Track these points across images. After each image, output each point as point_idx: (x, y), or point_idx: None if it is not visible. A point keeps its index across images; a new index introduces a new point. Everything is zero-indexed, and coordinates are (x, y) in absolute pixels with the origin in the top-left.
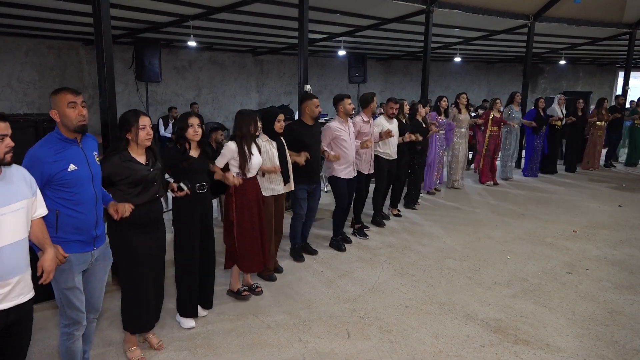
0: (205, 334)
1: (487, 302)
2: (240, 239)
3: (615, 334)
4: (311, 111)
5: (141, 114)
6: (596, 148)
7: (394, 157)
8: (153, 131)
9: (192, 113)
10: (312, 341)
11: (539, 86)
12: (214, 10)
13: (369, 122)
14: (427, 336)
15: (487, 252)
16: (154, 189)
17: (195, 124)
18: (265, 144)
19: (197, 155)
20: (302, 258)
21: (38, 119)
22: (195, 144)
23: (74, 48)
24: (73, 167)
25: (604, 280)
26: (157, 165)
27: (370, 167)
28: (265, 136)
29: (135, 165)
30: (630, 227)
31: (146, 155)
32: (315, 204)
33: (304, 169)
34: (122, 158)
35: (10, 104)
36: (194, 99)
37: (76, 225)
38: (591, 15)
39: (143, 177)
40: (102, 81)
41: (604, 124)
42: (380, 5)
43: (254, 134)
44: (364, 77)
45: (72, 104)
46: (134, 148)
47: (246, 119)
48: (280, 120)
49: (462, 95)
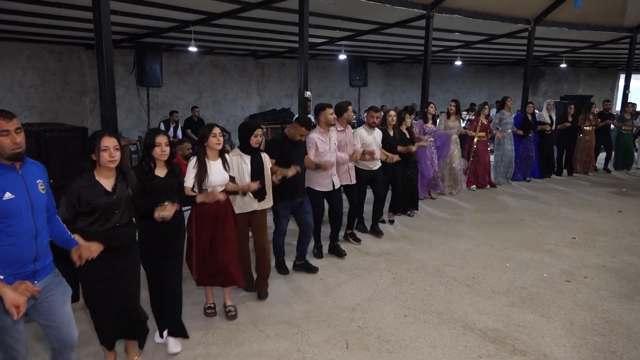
0: (204, 344)
1: (486, 311)
2: (198, 257)
3: (613, 344)
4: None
5: (105, 135)
6: (585, 153)
7: (376, 167)
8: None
9: (160, 131)
10: (310, 351)
11: (540, 89)
12: (215, 16)
13: (344, 132)
14: (425, 346)
15: (486, 259)
16: (114, 218)
17: (163, 143)
18: (236, 158)
19: (163, 174)
20: (287, 271)
21: (39, 129)
22: (161, 162)
23: (76, 52)
24: (9, 196)
25: (602, 289)
26: (125, 192)
27: (351, 177)
28: (237, 150)
29: (96, 190)
30: (630, 233)
31: (115, 179)
32: (308, 218)
33: (284, 185)
34: (84, 181)
35: (12, 109)
36: (195, 103)
37: (10, 259)
38: (592, 20)
39: (101, 205)
40: (102, 92)
41: (592, 129)
42: (380, 10)
43: (215, 145)
44: (364, 80)
45: (4, 132)
46: (100, 170)
47: (206, 128)
48: (257, 135)
49: (452, 102)
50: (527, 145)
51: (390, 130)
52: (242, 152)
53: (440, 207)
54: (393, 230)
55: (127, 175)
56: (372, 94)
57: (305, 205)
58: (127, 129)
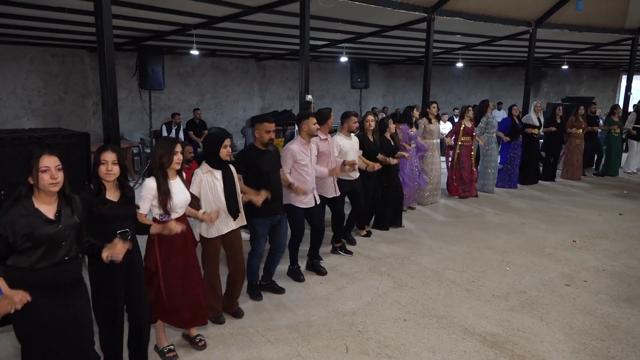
0: (206, 349)
1: (485, 315)
2: (167, 290)
3: (612, 349)
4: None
5: (44, 154)
6: (574, 157)
7: (355, 177)
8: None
9: (107, 147)
10: (310, 356)
11: (542, 90)
12: (217, 19)
13: (327, 140)
14: (424, 351)
15: (486, 263)
16: (61, 250)
17: (110, 161)
18: (206, 176)
19: (116, 198)
20: (260, 296)
21: (42, 135)
22: (111, 184)
23: (78, 55)
24: None
25: (602, 293)
26: (70, 220)
27: (335, 189)
28: (207, 166)
29: (36, 219)
30: (630, 236)
31: (57, 205)
32: (283, 238)
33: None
34: (21, 210)
35: (15, 112)
36: (197, 105)
37: None
38: (593, 21)
39: (45, 237)
40: (104, 97)
41: (581, 132)
42: (381, 13)
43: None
44: (366, 82)
45: None
46: (39, 195)
47: (165, 147)
48: (227, 146)
49: (433, 104)
50: (515, 151)
51: (370, 135)
52: (212, 167)
53: (439, 211)
54: (393, 235)
55: (71, 200)
56: (373, 95)
57: (283, 225)
58: (129, 132)
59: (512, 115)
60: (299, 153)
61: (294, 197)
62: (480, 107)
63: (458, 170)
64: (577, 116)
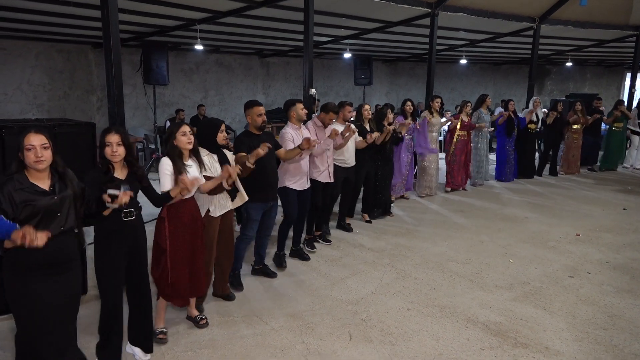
0: (210, 336)
1: (488, 305)
2: (173, 270)
3: (615, 338)
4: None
5: (30, 132)
6: (571, 152)
7: (352, 164)
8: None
9: (112, 129)
10: (314, 343)
11: (546, 88)
12: (221, 14)
13: (322, 128)
14: (427, 339)
15: (490, 255)
16: (57, 221)
17: (115, 142)
18: (206, 158)
19: (123, 177)
20: (240, 285)
21: (48, 124)
22: (119, 164)
23: (83, 51)
24: None
25: (605, 284)
26: (65, 192)
27: (330, 175)
28: (205, 150)
29: (33, 192)
30: (634, 230)
31: (51, 179)
32: (271, 221)
33: (259, 183)
34: (16, 184)
35: (20, 107)
36: (201, 101)
37: None
38: (597, 18)
39: (42, 207)
40: (110, 88)
41: (579, 127)
42: (385, 8)
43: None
44: (369, 79)
45: None
46: (30, 172)
47: (174, 125)
48: (223, 131)
49: (436, 99)
50: (510, 145)
51: (366, 124)
52: (210, 151)
53: (443, 203)
54: (397, 226)
55: (64, 176)
56: (377, 92)
57: (273, 210)
58: (134, 127)
59: (508, 110)
60: (295, 135)
61: (288, 180)
62: (477, 101)
63: (450, 165)
64: (575, 112)
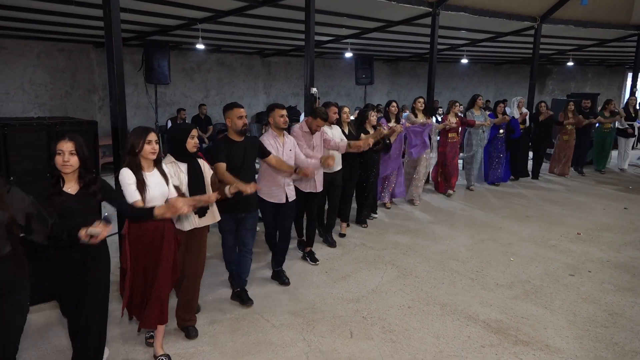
0: (211, 333)
1: (489, 303)
2: (131, 289)
3: (615, 336)
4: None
5: None
6: (561, 152)
7: (337, 169)
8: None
9: (65, 135)
10: (315, 340)
11: (547, 87)
12: (222, 13)
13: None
14: (428, 336)
15: (490, 254)
16: None
17: (67, 151)
18: (169, 166)
19: (74, 191)
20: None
21: (51, 123)
22: (71, 176)
23: (85, 50)
24: None
25: (606, 283)
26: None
27: (316, 184)
28: (171, 157)
29: None
30: (635, 229)
31: None
32: (249, 238)
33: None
34: None
35: (22, 106)
36: (202, 101)
37: None
38: (598, 17)
39: None
40: (112, 86)
41: (572, 129)
42: (386, 8)
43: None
44: (370, 78)
45: None
46: None
47: (137, 134)
48: (194, 137)
49: (419, 99)
50: (499, 146)
51: (345, 127)
52: (177, 159)
53: (444, 202)
54: (398, 225)
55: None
56: (378, 92)
57: (248, 222)
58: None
59: (496, 112)
60: (274, 143)
61: (264, 190)
62: (469, 102)
63: (441, 167)
64: (566, 112)
